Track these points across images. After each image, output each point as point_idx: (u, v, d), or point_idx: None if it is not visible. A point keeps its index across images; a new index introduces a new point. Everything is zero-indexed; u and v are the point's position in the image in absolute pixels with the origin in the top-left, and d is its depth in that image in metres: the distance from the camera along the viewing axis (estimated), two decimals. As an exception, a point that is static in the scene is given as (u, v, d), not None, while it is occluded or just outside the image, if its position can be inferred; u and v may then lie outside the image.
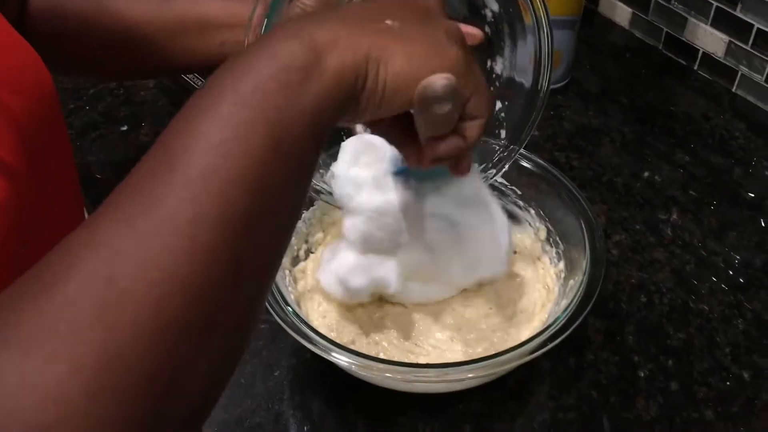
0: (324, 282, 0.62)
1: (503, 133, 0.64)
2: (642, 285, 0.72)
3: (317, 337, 0.56)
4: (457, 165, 0.49)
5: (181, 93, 0.92)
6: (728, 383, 0.64)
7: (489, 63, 0.61)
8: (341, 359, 0.54)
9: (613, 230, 0.77)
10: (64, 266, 0.29)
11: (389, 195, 0.58)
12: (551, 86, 0.59)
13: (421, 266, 0.61)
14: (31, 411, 0.25)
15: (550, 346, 0.56)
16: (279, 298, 0.58)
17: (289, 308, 0.57)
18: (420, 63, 0.40)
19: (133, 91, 0.95)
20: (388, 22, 0.40)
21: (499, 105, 0.63)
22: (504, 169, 0.64)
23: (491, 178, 0.64)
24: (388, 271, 0.60)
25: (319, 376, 0.65)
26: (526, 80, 0.60)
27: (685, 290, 0.72)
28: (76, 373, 0.26)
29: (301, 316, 0.57)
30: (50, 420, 0.25)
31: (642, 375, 0.65)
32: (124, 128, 0.90)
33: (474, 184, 0.62)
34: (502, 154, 0.63)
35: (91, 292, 0.28)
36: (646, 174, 0.84)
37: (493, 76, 0.61)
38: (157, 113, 0.92)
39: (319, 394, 0.64)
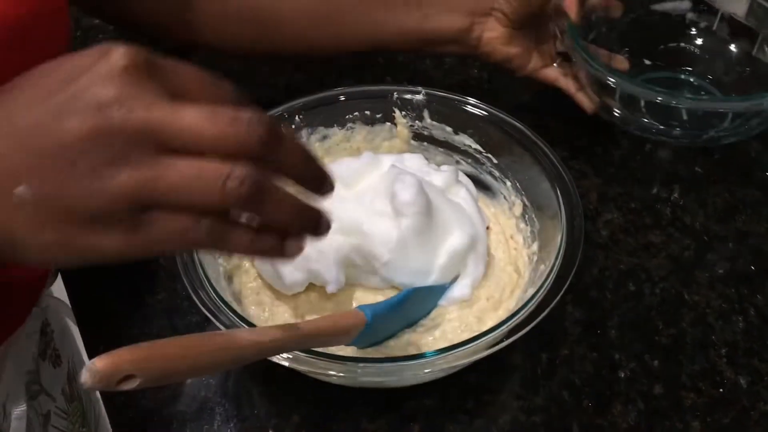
0: (257, 264, 0.56)
1: None
2: (632, 272, 0.63)
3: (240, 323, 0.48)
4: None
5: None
6: (721, 390, 0.56)
7: None
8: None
9: (604, 208, 0.68)
10: None
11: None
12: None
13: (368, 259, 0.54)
14: None
15: (511, 339, 0.49)
16: (203, 278, 0.50)
17: (213, 292, 0.49)
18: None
19: (92, 35, 0.87)
20: None
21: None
22: None
23: None
24: (328, 266, 0.52)
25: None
26: None
27: (681, 280, 0.63)
28: None
29: (225, 298, 0.49)
30: None
31: (622, 375, 0.57)
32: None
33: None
34: None
35: None
36: (648, 146, 0.74)
37: None
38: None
39: (251, 382, 0.57)
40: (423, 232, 0.53)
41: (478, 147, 0.63)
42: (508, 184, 0.62)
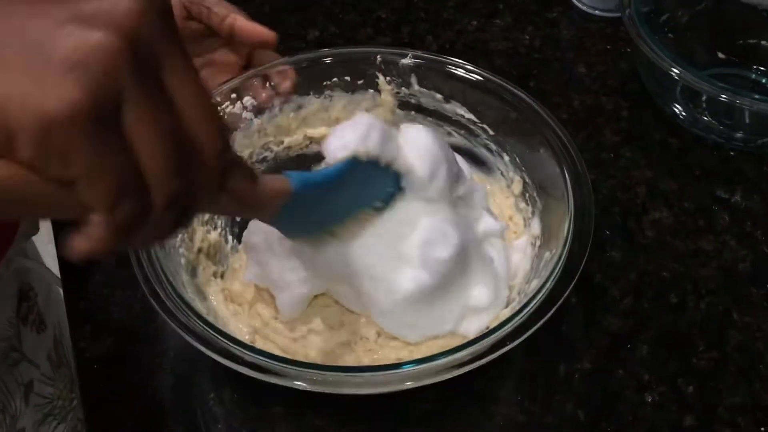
0: None
1: None
2: (676, 281, 0.56)
3: (208, 332, 0.42)
4: None
5: None
6: (763, 429, 0.49)
7: None
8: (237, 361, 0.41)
9: (652, 204, 0.61)
10: None
11: None
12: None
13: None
14: None
15: (508, 347, 0.42)
16: (160, 271, 0.44)
17: (171, 290, 0.43)
18: None
19: None
20: None
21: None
22: None
23: None
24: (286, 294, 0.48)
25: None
26: None
27: (732, 295, 0.55)
28: None
29: (185, 298, 0.43)
30: None
31: (649, 400, 0.50)
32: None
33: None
34: None
35: None
36: (713, 136, 0.66)
37: None
38: None
39: (231, 387, 0.51)
40: (439, 289, 0.47)
41: (472, 117, 0.56)
42: (506, 158, 0.55)
